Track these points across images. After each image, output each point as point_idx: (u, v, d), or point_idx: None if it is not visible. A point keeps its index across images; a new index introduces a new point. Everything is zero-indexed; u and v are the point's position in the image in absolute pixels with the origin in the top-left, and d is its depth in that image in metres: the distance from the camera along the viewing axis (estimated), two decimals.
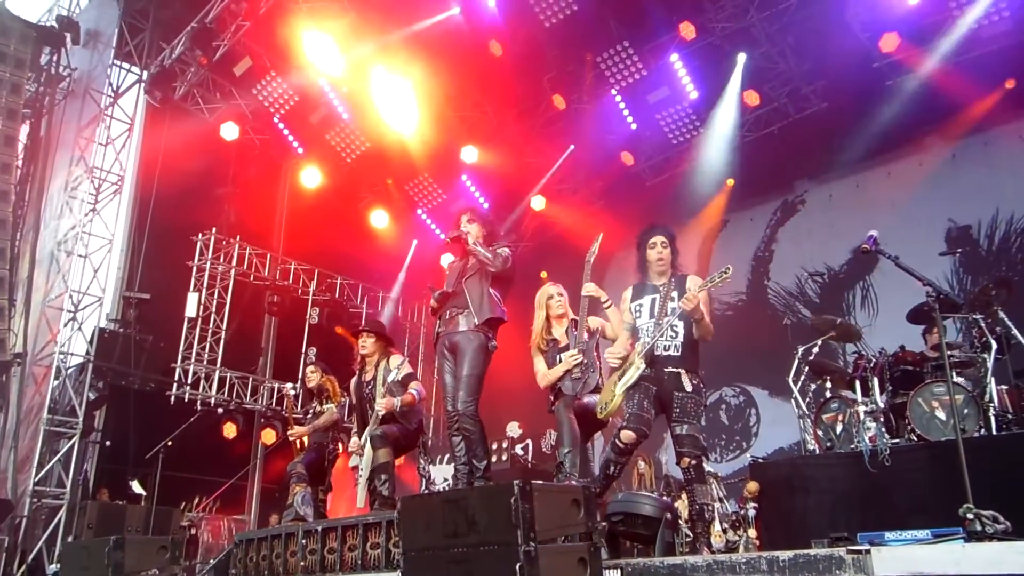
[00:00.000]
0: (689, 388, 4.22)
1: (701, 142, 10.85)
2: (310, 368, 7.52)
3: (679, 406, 4.22)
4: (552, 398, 5.20)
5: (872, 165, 9.68)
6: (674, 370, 4.26)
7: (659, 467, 9.38)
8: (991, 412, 5.12)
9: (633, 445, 4.25)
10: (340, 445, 7.03)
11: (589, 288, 5.07)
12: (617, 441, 4.26)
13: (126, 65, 11.06)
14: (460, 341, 4.92)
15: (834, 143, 9.84)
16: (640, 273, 4.54)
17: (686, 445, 4.19)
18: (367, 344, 6.13)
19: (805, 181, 10.48)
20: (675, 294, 4.37)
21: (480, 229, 5.17)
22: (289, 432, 7.09)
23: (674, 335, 4.31)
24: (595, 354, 5.15)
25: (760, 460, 6.54)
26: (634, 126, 11.13)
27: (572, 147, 11.72)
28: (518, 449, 10.21)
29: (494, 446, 9.99)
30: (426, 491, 5.97)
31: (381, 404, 5.65)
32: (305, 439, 7.14)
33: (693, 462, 4.18)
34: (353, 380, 6.15)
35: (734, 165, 10.66)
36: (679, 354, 4.28)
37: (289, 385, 7.93)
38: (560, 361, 5.15)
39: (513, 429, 10.28)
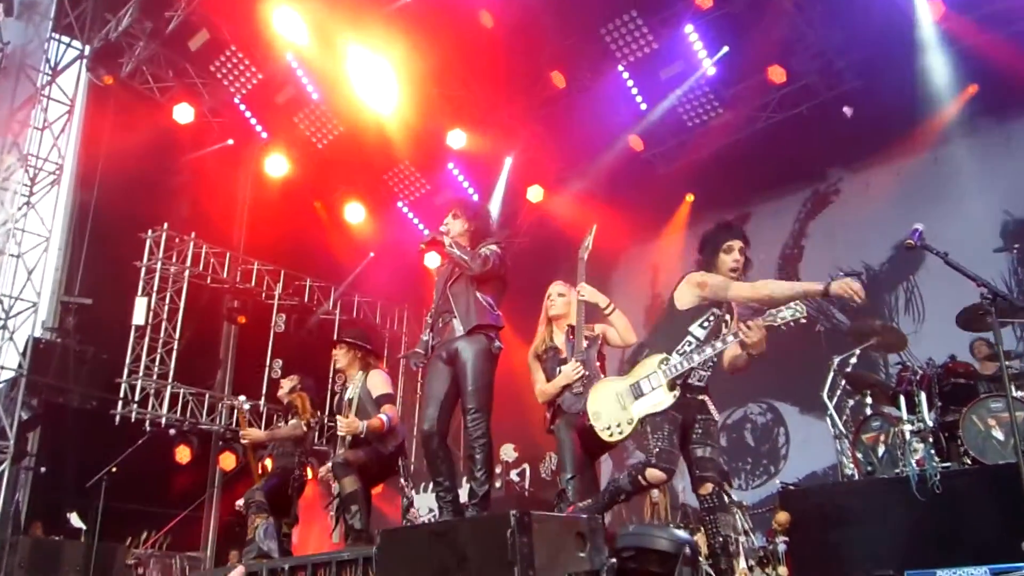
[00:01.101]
0: (714, 413, 4.31)
1: (720, 124, 10.81)
2: (285, 380, 7.48)
3: (701, 428, 4.25)
4: (550, 416, 5.17)
5: (916, 150, 9.65)
6: (699, 397, 4.31)
7: (675, 496, 9.32)
8: None
9: (659, 486, 4.24)
10: (308, 471, 6.97)
11: (584, 291, 5.04)
12: (641, 479, 4.18)
13: (65, 39, 10.98)
14: (459, 347, 4.88)
15: (872, 125, 9.82)
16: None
17: (708, 469, 4.18)
18: (340, 357, 6.14)
19: (839, 169, 10.46)
20: (728, 317, 4.35)
21: (465, 225, 5.15)
22: (241, 433, 7.02)
23: (713, 364, 4.30)
24: (597, 364, 5.11)
25: (791, 487, 6.52)
26: (644, 106, 11.10)
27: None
28: (513, 475, 10.18)
29: None
30: (407, 522, 5.92)
31: (343, 426, 5.63)
32: (268, 463, 7.08)
33: (715, 488, 4.17)
34: (337, 398, 6.17)
35: (757, 151, 10.65)
36: (706, 387, 4.34)
37: (242, 398, 7.85)
38: (560, 374, 5.11)
39: (508, 452, 10.24)
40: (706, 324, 4.31)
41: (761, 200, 10.96)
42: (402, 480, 5.78)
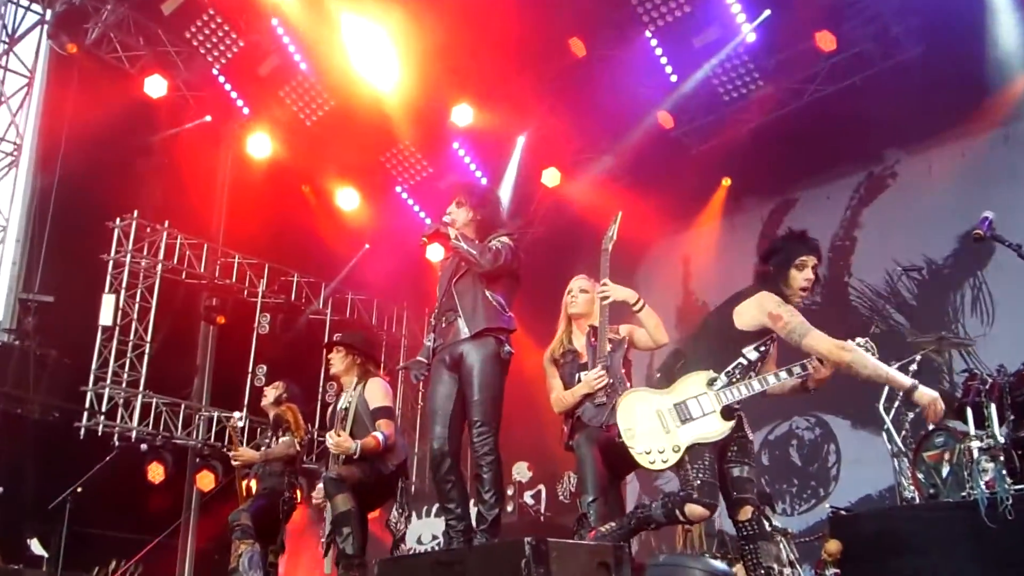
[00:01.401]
0: (749, 432, 4.37)
1: (761, 98, 10.77)
2: (269, 389, 7.53)
3: (737, 445, 4.29)
4: (568, 429, 5.18)
5: (984, 127, 9.60)
6: (738, 412, 4.36)
7: (709, 521, 9.34)
8: None
9: (700, 523, 4.27)
10: (298, 493, 7.02)
11: (609, 291, 5.04)
12: (679, 513, 4.18)
13: (24, 2, 11.06)
14: (464, 351, 4.91)
15: (935, 99, 9.76)
16: (778, 291, 4.38)
17: (747, 490, 4.20)
18: (336, 362, 6.22)
19: (896, 149, 10.41)
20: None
21: (470, 214, 5.18)
22: (233, 454, 7.08)
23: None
24: (623, 371, 5.12)
25: (842, 512, 6.51)
26: (674, 78, 11.07)
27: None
28: (527, 497, 10.20)
29: None
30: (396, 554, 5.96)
31: (333, 443, 5.67)
32: (253, 484, 7.13)
33: (755, 513, 4.19)
34: (329, 410, 6.23)
35: (803, 128, 10.62)
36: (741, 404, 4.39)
37: (237, 415, 7.93)
38: (580, 381, 5.13)
39: (521, 471, 10.26)
40: (761, 348, 4.32)
41: (808, 185, 10.94)
42: (394, 511, 5.81)
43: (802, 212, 10.88)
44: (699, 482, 4.11)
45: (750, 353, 4.27)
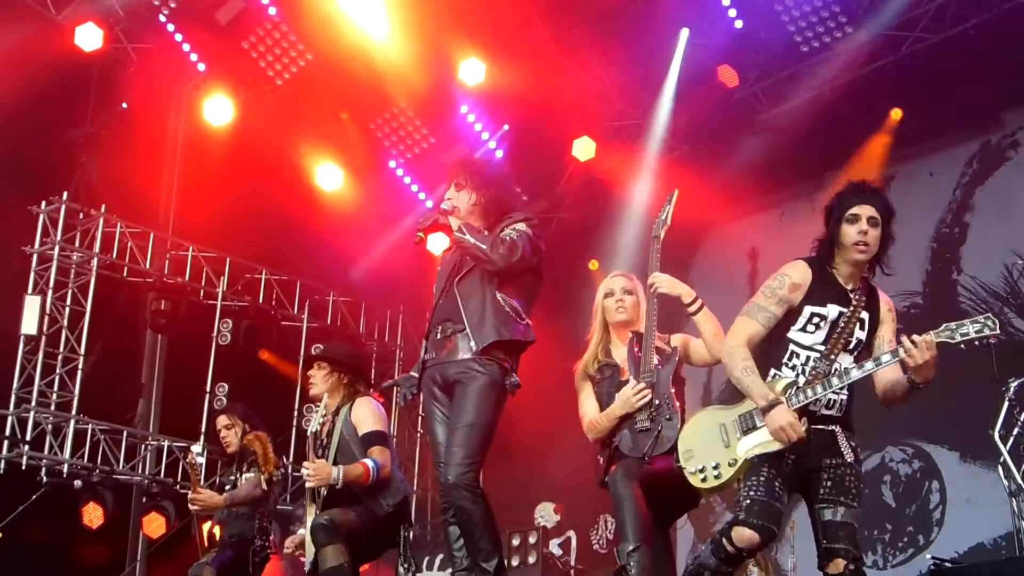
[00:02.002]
0: (849, 455, 4.26)
1: (847, 51, 10.73)
2: (222, 420, 7.55)
3: (831, 476, 4.22)
4: (604, 462, 5.15)
5: None
6: (828, 428, 4.28)
7: (779, 574, 9.32)
8: None
9: (753, 551, 4.22)
10: (270, 539, 7.04)
11: (660, 281, 5.01)
12: (727, 544, 4.16)
13: None
14: (460, 373, 4.94)
15: None
16: (825, 253, 4.44)
17: (842, 540, 4.15)
18: (318, 381, 6.24)
19: (1019, 112, 10.36)
20: (865, 316, 4.35)
21: (473, 197, 5.19)
22: (191, 498, 7.10)
23: (845, 387, 4.27)
24: (672, 390, 5.09)
25: (947, 564, 6.47)
26: (739, 24, 11.05)
27: None
28: (554, 546, 10.19)
29: (516, 541, 9.98)
30: None
31: (310, 473, 5.71)
32: (217, 530, 7.15)
33: (851, 567, 4.12)
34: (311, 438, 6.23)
35: (901, 87, 10.54)
36: (841, 414, 4.33)
37: (196, 448, 7.97)
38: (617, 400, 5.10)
39: (546, 514, 10.26)
40: (810, 328, 4.32)
41: (906, 158, 10.89)
42: (400, 568, 5.84)
43: (899, 192, 10.72)
44: (748, 501, 4.13)
45: (798, 336, 4.30)
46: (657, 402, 4.97)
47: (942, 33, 10.55)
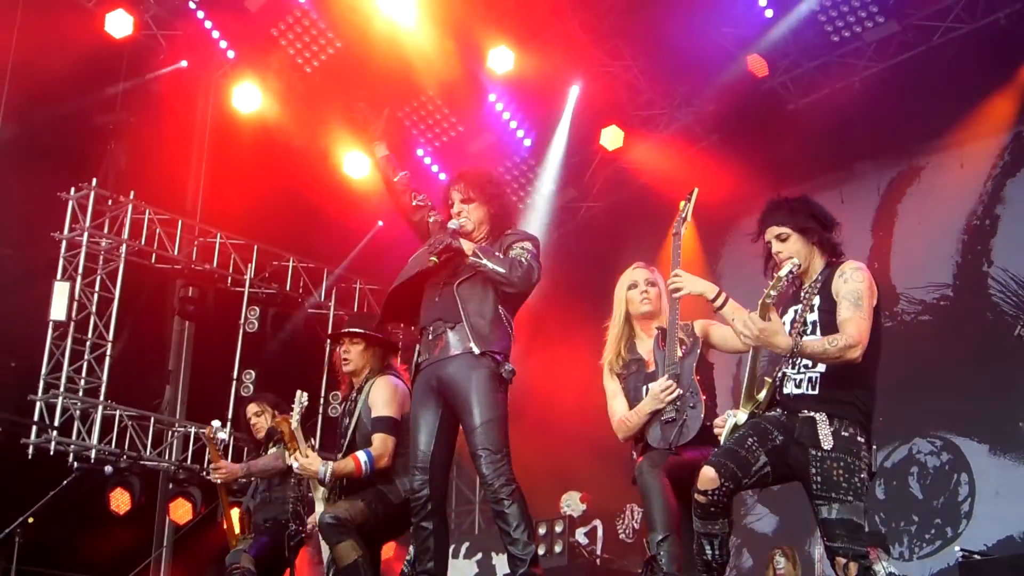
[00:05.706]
0: (828, 443, 4.19)
1: (879, 40, 10.74)
2: (252, 408, 7.56)
3: (820, 473, 4.19)
4: (635, 454, 5.23)
5: None
6: (808, 414, 4.29)
7: (808, 566, 9.33)
8: None
9: (719, 496, 4.21)
10: (304, 524, 7.09)
11: (681, 282, 5.01)
12: (696, 494, 4.27)
13: None
14: (455, 374, 5.01)
15: None
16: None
17: (838, 538, 4.14)
18: (353, 357, 6.13)
19: None
20: (816, 300, 4.40)
21: (484, 210, 5.27)
22: (213, 466, 7.20)
23: (808, 363, 4.34)
24: (696, 377, 5.15)
25: (975, 556, 6.49)
26: (769, 12, 11.04)
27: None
28: (580, 535, 10.21)
29: (542, 530, 9.98)
30: None
31: (298, 464, 5.75)
32: (236, 521, 7.22)
33: (853, 565, 4.12)
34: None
35: (932, 77, 10.54)
36: (817, 391, 4.33)
37: (216, 423, 7.92)
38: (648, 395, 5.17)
39: (572, 503, 10.27)
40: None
41: (936, 148, 10.82)
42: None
43: (929, 183, 10.77)
44: (717, 449, 4.37)
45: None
46: (684, 393, 5.04)
47: (974, 23, 10.52)
